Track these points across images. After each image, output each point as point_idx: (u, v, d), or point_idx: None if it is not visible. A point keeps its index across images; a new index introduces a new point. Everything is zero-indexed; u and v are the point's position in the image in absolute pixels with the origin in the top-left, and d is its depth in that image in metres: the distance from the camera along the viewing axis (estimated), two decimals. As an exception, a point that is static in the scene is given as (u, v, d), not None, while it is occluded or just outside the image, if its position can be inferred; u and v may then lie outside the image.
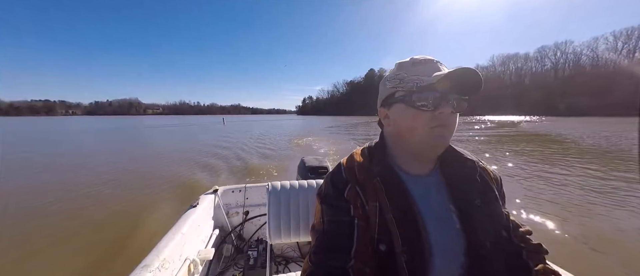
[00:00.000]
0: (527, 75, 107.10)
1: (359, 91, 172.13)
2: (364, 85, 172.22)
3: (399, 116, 0.63)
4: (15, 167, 8.00)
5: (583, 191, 4.95)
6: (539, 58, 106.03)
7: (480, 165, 0.69)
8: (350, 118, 69.75)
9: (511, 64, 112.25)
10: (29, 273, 2.81)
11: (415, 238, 0.56)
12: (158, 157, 10.03)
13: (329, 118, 76.96)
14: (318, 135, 18.51)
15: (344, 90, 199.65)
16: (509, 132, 18.76)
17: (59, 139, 18.29)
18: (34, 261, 2.96)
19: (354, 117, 74.97)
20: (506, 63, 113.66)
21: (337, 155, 9.76)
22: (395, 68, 0.66)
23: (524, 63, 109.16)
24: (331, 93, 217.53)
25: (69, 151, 12.32)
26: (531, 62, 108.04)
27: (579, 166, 7.01)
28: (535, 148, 10.56)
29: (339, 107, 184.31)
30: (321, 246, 0.59)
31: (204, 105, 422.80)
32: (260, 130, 24.68)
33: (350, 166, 0.67)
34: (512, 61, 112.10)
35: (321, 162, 2.17)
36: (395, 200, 0.58)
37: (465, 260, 0.58)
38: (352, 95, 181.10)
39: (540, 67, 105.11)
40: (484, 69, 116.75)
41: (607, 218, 3.77)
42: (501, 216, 0.63)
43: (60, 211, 4.46)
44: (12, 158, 9.72)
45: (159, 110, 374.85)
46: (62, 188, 5.75)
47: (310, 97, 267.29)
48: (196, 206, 1.80)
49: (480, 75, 0.56)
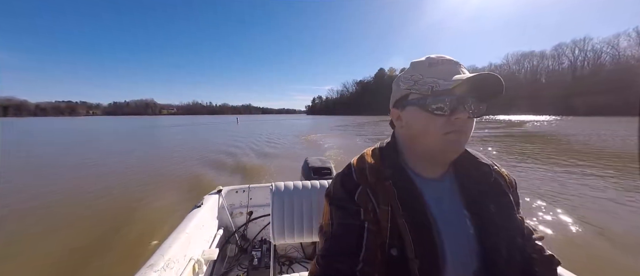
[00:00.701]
0: (543, 73, 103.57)
1: (369, 91, 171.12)
2: (373, 85, 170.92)
3: (412, 119, 0.60)
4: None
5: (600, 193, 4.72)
6: (556, 56, 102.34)
7: (495, 170, 0.67)
8: (359, 117, 69.94)
9: (526, 63, 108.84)
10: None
11: (427, 243, 0.54)
12: (199, 151, 11.42)
13: (338, 117, 77.65)
14: (326, 133, 20.20)
15: (354, 89, 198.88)
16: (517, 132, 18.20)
17: (94, 138, 19.18)
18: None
19: (363, 117, 74.63)
20: (521, 61, 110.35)
21: (340, 149, 11.04)
22: (410, 68, 0.62)
23: (540, 61, 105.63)
24: (341, 93, 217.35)
25: (119, 150, 12.47)
26: (548, 60, 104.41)
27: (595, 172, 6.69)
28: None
29: (348, 106, 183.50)
30: (329, 249, 0.57)
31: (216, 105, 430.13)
32: (272, 129, 26.43)
33: (361, 167, 0.64)
34: (527, 59, 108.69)
35: (324, 162, 2.15)
36: (408, 204, 0.56)
37: (478, 267, 0.56)
38: (361, 94, 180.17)
39: (557, 66, 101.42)
40: (497, 67, 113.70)
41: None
42: (516, 222, 0.61)
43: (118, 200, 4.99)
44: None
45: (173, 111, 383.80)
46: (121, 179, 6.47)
47: (319, 97, 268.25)
48: (200, 206, 1.81)
49: (502, 82, 0.53)
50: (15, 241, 3.44)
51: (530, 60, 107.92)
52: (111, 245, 3.25)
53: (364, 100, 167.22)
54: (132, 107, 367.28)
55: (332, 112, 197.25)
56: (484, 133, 17.14)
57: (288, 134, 19.46)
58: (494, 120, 38.39)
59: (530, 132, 18.68)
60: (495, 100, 0.58)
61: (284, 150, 11.35)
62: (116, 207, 4.59)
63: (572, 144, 11.46)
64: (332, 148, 11.52)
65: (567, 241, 3.17)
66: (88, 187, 5.81)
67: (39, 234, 3.62)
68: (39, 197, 5.17)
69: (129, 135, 21.99)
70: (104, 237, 3.46)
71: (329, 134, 18.94)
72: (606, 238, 3.16)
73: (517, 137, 15.27)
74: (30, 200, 5.00)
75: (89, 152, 11.92)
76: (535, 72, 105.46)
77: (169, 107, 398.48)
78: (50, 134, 23.87)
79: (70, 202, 4.90)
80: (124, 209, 4.46)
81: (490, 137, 14.83)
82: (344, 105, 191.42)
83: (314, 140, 15.18)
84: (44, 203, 4.81)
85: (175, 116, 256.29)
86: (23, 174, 7.17)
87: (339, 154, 9.41)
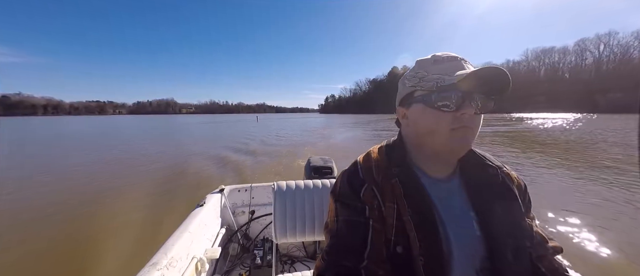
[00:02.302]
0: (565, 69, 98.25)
1: (382, 89, 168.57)
2: (386, 83, 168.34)
3: (418, 116, 0.59)
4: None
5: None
6: (579, 51, 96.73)
7: (504, 171, 0.65)
8: (370, 116, 70.69)
9: (547, 59, 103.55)
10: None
11: (433, 241, 0.53)
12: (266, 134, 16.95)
13: (350, 116, 78.65)
14: (336, 129, 24.44)
15: (367, 88, 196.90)
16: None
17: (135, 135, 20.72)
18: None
19: (375, 115, 74.50)
20: (541, 57, 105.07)
21: (344, 142, 13.58)
22: (415, 66, 0.61)
23: (563, 57, 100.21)
24: (353, 92, 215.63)
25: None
26: (570, 56, 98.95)
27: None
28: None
29: (361, 105, 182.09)
30: (334, 246, 0.57)
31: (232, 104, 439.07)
32: (291, 125, 31.59)
33: (367, 165, 0.63)
34: (548, 55, 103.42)
35: (326, 162, 2.13)
36: (414, 202, 0.55)
37: (483, 268, 0.55)
38: (374, 93, 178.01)
39: (580, 61, 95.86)
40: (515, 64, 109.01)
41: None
42: (525, 226, 0.60)
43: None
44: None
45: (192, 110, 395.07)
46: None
47: (332, 96, 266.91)
48: (203, 205, 1.81)
49: (509, 76, 0.51)
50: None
51: (551, 55, 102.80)
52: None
53: (377, 99, 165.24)
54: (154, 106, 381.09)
55: (344, 110, 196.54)
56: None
57: (301, 128, 25.80)
58: (509, 118, 36.73)
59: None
60: (505, 96, 0.55)
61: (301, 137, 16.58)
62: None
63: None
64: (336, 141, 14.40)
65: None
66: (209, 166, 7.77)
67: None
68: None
69: (196, 128, 27.89)
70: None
71: (336, 130, 22.76)
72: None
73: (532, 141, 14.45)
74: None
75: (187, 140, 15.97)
76: (556, 68, 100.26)
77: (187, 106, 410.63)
78: (137, 130, 27.70)
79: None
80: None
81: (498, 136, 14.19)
82: (357, 104, 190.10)
83: (318, 132, 20.31)
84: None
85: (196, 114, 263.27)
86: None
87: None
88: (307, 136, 17.04)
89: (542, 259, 0.60)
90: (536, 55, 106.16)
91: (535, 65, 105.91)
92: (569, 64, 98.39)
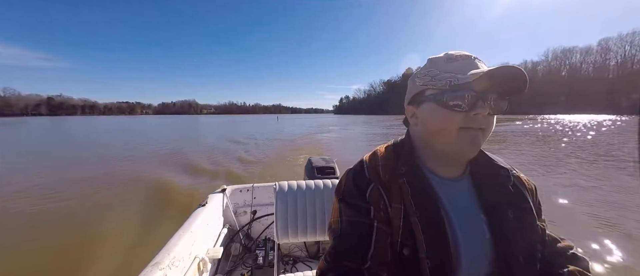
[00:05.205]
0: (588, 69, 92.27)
1: (396, 90, 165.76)
2: (400, 84, 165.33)
3: (428, 115, 0.56)
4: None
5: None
6: (601, 51, 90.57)
7: (515, 174, 0.62)
8: (383, 116, 70.56)
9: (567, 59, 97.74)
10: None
11: (440, 244, 0.51)
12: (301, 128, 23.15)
13: (363, 116, 79.34)
14: (347, 127, 28.29)
15: (381, 89, 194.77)
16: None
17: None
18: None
19: (387, 116, 73.20)
20: (561, 58, 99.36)
21: (348, 136, 17.06)
22: (427, 63, 0.58)
23: (585, 56, 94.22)
24: (368, 93, 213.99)
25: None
26: (593, 55, 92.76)
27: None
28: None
29: (374, 106, 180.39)
30: (338, 247, 0.54)
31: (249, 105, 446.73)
32: (309, 123, 37.30)
33: (373, 165, 0.60)
34: (568, 56, 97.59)
35: (328, 162, 2.07)
36: (422, 204, 0.53)
37: (492, 272, 0.53)
38: (388, 94, 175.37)
39: (603, 61, 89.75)
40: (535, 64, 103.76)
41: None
42: (536, 229, 0.57)
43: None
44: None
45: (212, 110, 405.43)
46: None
47: (347, 97, 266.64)
48: (205, 205, 1.79)
49: (526, 75, 0.48)
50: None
51: (572, 56, 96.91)
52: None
53: (391, 100, 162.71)
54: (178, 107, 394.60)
55: (358, 111, 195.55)
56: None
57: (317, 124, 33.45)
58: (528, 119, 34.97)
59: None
60: (519, 96, 0.52)
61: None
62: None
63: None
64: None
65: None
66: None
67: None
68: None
69: (238, 125, 34.57)
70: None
71: (344, 127, 28.01)
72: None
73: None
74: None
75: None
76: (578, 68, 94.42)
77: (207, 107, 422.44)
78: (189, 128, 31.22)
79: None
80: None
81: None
82: (370, 105, 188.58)
83: (325, 127, 27.72)
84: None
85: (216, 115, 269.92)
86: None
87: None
88: (318, 128, 25.82)
89: (560, 260, 0.57)
90: (556, 55, 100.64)
91: (554, 65, 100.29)
92: (591, 64, 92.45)
